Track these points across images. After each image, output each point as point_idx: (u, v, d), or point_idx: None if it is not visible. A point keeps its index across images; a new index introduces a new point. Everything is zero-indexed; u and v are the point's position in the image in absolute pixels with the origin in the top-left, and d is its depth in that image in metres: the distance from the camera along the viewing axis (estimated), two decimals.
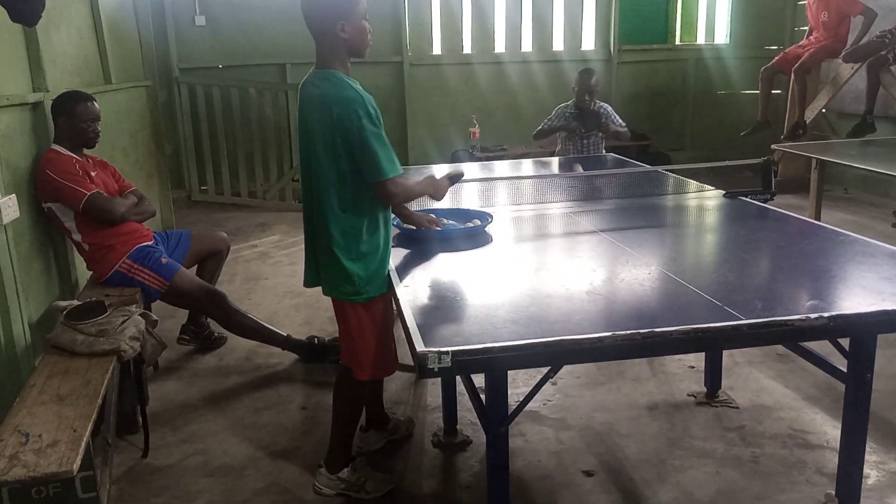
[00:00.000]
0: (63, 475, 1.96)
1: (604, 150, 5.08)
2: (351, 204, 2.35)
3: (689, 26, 8.97)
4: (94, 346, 2.68)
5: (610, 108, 5.04)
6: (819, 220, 4.29)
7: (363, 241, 2.38)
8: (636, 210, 3.27)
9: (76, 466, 1.98)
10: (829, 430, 2.96)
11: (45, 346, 2.82)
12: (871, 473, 2.67)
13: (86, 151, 3.48)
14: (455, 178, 2.79)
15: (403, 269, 2.44)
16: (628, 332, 1.75)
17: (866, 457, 2.43)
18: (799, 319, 1.81)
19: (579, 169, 4.10)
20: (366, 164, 2.29)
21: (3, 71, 3.14)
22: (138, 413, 3.04)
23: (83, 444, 2.07)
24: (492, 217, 2.88)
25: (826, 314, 1.83)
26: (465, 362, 1.70)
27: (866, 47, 6.38)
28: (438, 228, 2.76)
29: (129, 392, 3.05)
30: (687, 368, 3.57)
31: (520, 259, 2.65)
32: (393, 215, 2.64)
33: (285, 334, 3.77)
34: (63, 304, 2.93)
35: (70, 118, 3.32)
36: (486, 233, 2.81)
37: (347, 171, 2.31)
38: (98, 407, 2.32)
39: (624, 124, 5.05)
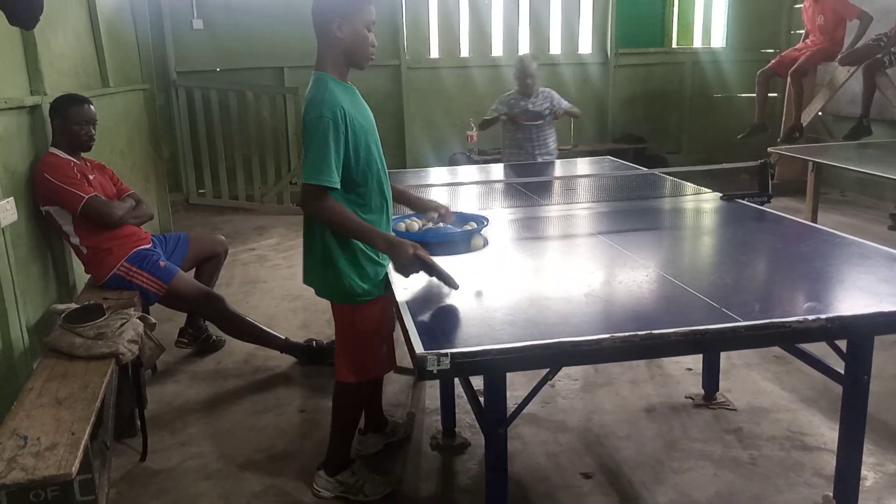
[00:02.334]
0: (61, 478, 1.96)
1: (554, 139, 5.08)
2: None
3: (686, 30, 8.99)
4: (92, 349, 2.68)
5: (554, 92, 5.06)
6: (816, 223, 4.30)
7: (361, 245, 2.38)
8: (633, 213, 3.28)
9: (75, 469, 1.98)
10: (827, 431, 2.97)
11: (43, 349, 2.82)
12: (869, 475, 2.67)
13: (84, 154, 3.48)
14: (432, 273, 2.18)
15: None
16: (626, 334, 1.76)
17: (864, 458, 2.44)
18: (796, 321, 1.82)
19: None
20: (301, 163, 2.28)
21: (0, 74, 3.14)
22: (136, 416, 3.04)
23: (81, 448, 2.07)
24: (488, 220, 2.88)
25: (823, 316, 1.84)
26: (464, 364, 1.71)
27: (862, 50, 6.41)
28: (441, 224, 2.74)
29: (127, 395, 3.05)
30: (684, 371, 3.57)
31: (517, 261, 2.66)
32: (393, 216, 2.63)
33: (283, 337, 3.78)
34: (61, 307, 2.93)
35: (65, 121, 3.32)
36: (483, 236, 2.81)
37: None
38: (96, 410, 2.32)
39: (569, 104, 5.04)
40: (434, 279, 2.19)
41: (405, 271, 2.21)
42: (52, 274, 3.47)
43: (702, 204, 3.38)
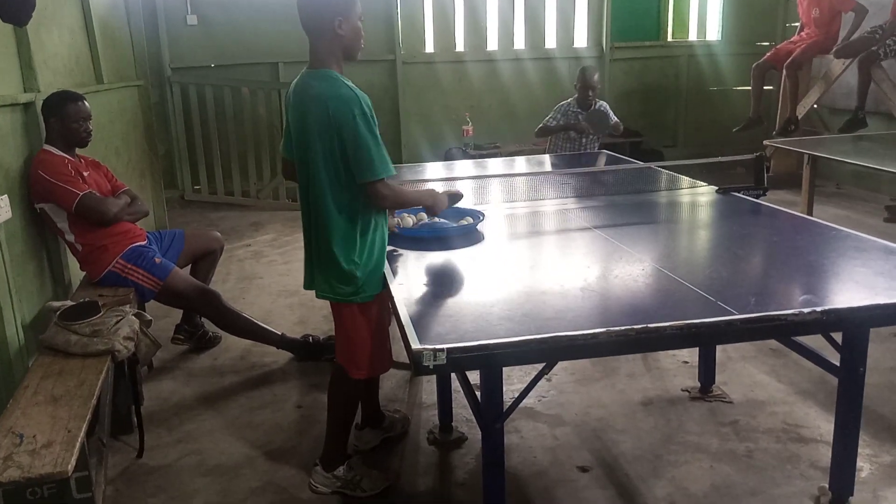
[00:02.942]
0: (58, 476, 1.96)
1: (597, 147, 5.10)
2: (347, 204, 2.35)
3: (681, 23, 8.99)
4: (88, 346, 2.67)
5: (608, 106, 5.07)
6: (811, 216, 4.30)
7: (360, 242, 2.38)
8: (629, 207, 3.28)
9: (71, 467, 1.98)
10: (823, 424, 2.97)
11: (38, 346, 2.81)
12: (864, 467, 2.68)
13: (78, 151, 3.47)
14: (455, 199, 2.76)
15: (398, 268, 2.44)
16: (623, 327, 1.76)
17: (859, 450, 2.46)
18: (792, 314, 1.82)
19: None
20: (358, 162, 2.28)
21: None
22: (133, 413, 3.04)
23: (78, 445, 2.06)
24: (484, 215, 2.88)
25: (819, 309, 1.84)
26: (461, 359, 1.71)
27: (857, 43, 6.41)
28: (435, 219, 2.76)
29: (123, 392, 3.05)
30: (681, 364, 3.58)
31: (513, 256, 2.66)
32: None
33: (280, 333, 3.77)
34: (56, 304, 2.92)
35: (61, 118, 3.31)
36: (479, 231, 2.81)
37: (343, 171, 2.31)
38: (92, 407, 2.32)
39: (617, 120, 5.08)
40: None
41: (440, 209, 2.64)
42: (47, 271, 3.46)
43: (698, 197, 3.38)
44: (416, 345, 1.71)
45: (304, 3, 2.33)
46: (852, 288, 2.08)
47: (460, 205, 2.83)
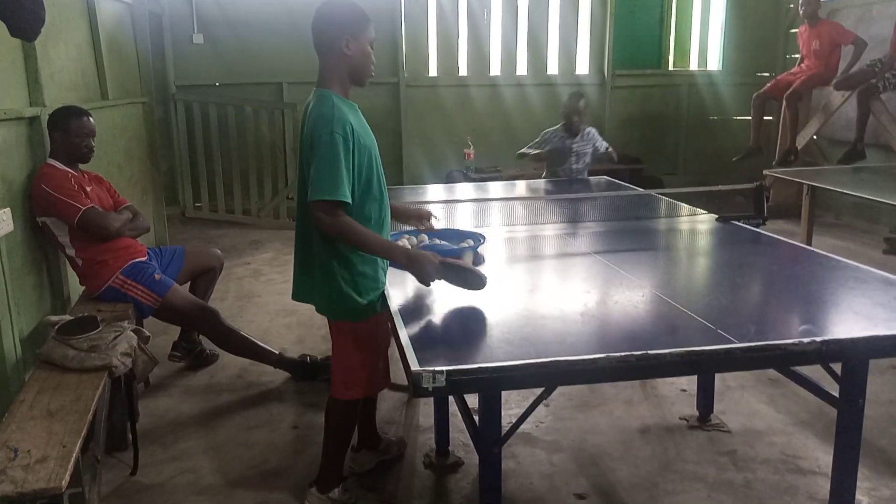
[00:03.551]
0: (51, 491, 1.94)
1: (587, 175, 5.08)
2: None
3: (683, 52, 9.08)
4: (85, 361, 2.66)
5: (596, 133, 5.06)
6: (811, 246, 4.32)
7: (360, 262, 2.38)
8: (629, 233, 3.29)
9: (65, 483, 1.97)
10: (821, 455, 2.96)
11: (35, 360, 2.80)
12: (863, 500, 2.67)
13: (81, 166, 3.48)
14: (458, 276, 2.29)
15: (398, 289, 2.44)
16: (622, 353, 1.76)
17: (858, 483, 2.43)
18: (792, 344, 1.82)
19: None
20: (311, 180, 2.25)
21: (0, 85, 3.15)
22: (128, 430, 3.02)
23: (72, 461, 2.05)
24: (484, 238, 2.89)
25: (819, 339, 1.84)
26: (460, 382, 1.70)
27: (857, 76, 6.48)
28: (436, 241, 2.76)
29: (119, 408, 3.03)
30: (679, 392, 3.57)
31: (513, 280, 2.66)
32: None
33: (277, 352, 3.76)
34: (55, 318, 2.92)
35: (64, 133, 3.33)
36: (479, 253, 2.82)
37: None
38: (88, 423, 2.31)
39: (608, 146, 5.07)
40: (457, 286, 2.28)
41: (427, 281, 2.26)
42: (46, 285, 3.46)
43: (697, 225, 3.40)
44: (415, 367, 1.70)
45: (318, 19, 2.35)
46: (852, 319, 2.08)
47: (461, 227, 2.84)
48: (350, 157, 2.26)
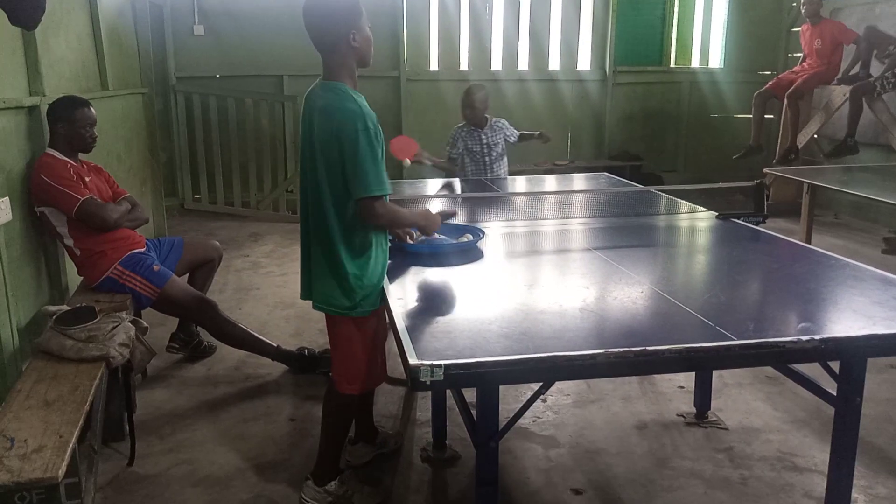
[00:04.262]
0: (48, 481, 1.94)
1: (506, 168, 4.96)
2: (349, 219, 2.35)
3: (684, 49, 9.06)
4: (82, 351, 2.66)
5: (505, 122, 4.93)
6: (810, 244, 4.31)
7: (361, 257, 2.37)
8: (629, 229, 3.29)
9: (61, 473, 1.96)
10: (818, 453, 2.96)
11: (33, 350, 2.80)
12: (859, 498, 2.67)
13: (81, 156, 3.47)
14: (447, 216, 2.78)
15: (396, 283, 2.44)
16: (621, 349, 1.75)
17: (854, 481, 2.43)
18: (790, 341, 1.82)
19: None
20: (354, 177, 2.27)
21: (0, 74, 3.14)
22: (125, 420, 3.02)
23: (69, 451, 2.05)
24: (484, 233, 2.88)
25: (817, 337, 1.84)
26: (458, 376, 1.70)
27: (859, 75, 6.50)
28: (435, 236, 2.76)
29: (116, 399, 3.03)
30: (677, 388, 3.57)
31: (512, 275, 2.65)
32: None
33: (275, 345, 3.76)
34: (52, 308, 2.91)
35: (69, 123, 3.31)
36: (478, 248, 2.82)
37: (345, 185, 2.31)
38: (85, 413, 2.30)
39: (523, 132, 4.98)
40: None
41: (433, 230, 2.62)
42: (44, 275, 3.46)
43: (697, 222, 3.39)
44: (413, 360, 1.70)
45: (314, 22, 2.32)
46: (850, 317, 2.08)
47: (459, 221, 2.84)
48: (378, 149, 2.30)
